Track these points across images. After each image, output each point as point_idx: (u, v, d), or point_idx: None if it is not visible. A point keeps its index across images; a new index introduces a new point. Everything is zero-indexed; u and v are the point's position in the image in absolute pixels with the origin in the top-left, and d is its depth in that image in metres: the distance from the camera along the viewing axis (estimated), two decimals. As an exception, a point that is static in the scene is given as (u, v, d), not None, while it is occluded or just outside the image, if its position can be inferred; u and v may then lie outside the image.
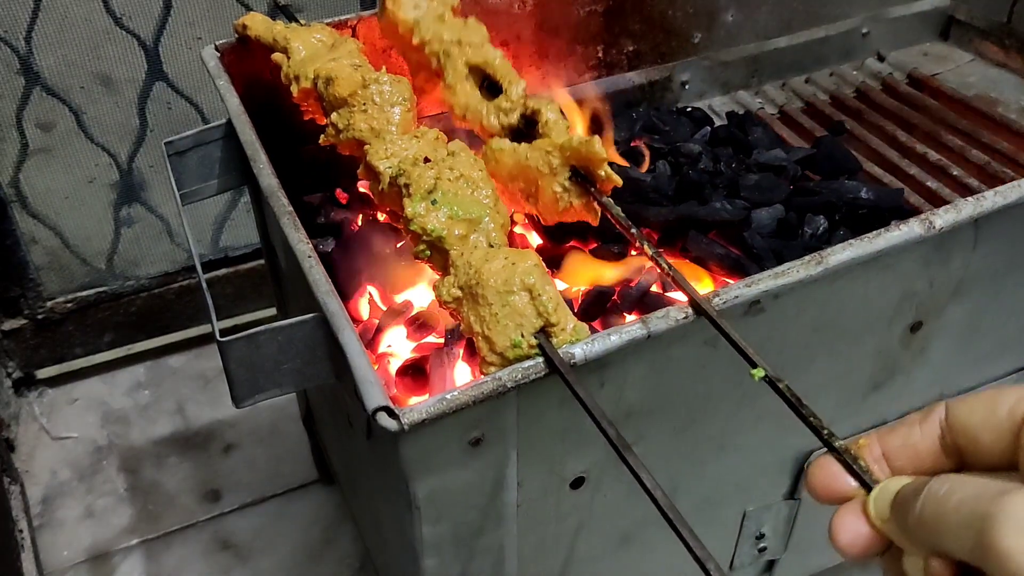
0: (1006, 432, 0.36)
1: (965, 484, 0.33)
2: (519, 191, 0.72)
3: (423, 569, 0.70)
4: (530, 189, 0.71)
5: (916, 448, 0.39)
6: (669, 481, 0.79)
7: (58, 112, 1.29)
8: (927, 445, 0.39)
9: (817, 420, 0.46)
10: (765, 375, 0.51)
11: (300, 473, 1.37)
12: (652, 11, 1.16)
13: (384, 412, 0.54)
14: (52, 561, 1.26)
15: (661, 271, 0.63)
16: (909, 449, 0.39)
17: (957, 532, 0.32)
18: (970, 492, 0.32)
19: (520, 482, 0.68)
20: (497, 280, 0.58)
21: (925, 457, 0.39)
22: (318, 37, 0.87)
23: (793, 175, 1.00)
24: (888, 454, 0.40)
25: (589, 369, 0.61)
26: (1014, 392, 0.36)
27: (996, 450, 0.36)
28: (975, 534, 0.31)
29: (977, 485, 0.32)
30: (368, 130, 0.75)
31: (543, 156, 0.69)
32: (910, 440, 0.39)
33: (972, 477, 0.34)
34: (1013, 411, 0.36)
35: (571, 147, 0.68)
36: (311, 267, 0.65)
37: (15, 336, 1.44)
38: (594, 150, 0.67)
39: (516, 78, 0.76)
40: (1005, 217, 0.74)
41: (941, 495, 0.33)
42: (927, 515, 0.34)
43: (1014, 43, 1.27)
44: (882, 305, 0.78)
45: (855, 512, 0.38)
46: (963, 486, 0.33)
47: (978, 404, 0.37)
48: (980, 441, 0.37)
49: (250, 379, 0.66)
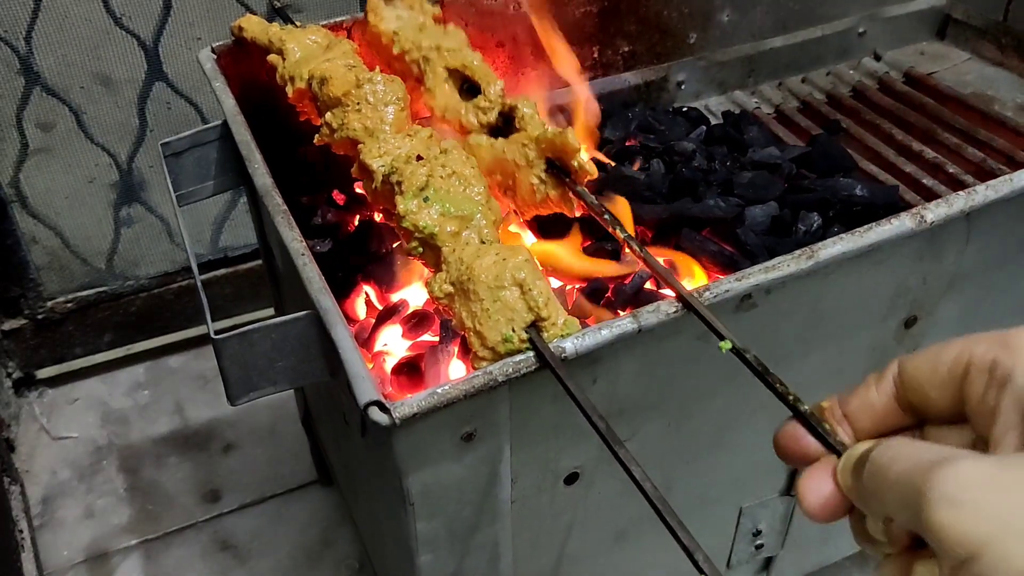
0: (950, 386, 0.36)
1: (905, 453, 0.32)
2: (496, 185, 0.74)
3: (418, 566, 0.70)
4: (507, 182, 0.73)
5: (874, 407, 0.39)
6: (663, 477, 0.79)
7: (58, 112, 1.29)
8: (884, 403, 0.39)
9: (783, 387, 0.46)
10: (732, 347, 0.52)
11: (299, 474, 1.37)
12: (647, 11, 1.16)
13: (376, 407, 0.54)
14: (52, 561, 1.27)
15: (633, 252, 0.63)
16: (868, 408, 0.39)
17: (897, 503, 0.32)
18: (908, 463, 0.32)
19: (514, 478, 0.68)
20: (488, 275, 0.59)
21: (884, 416, 0.39)
22: (313, 38, 0.87)
23: (788, 173, 1.00)
24: (849, 415, 0.40)
25: (581, 364, 0.61)
26: (956, 345, 0.36)
27: (944, 404, 0.37)
28: (912, 506, 0.30)
29: (915, 454, 0.32)
30: (362, 129, 0.75)
31: (519, 149, 0.71)
32: (868, 399, 0.39)
33: (913, 443, 0.33)
34: (955, 364, 0.36)
35: (545, 138, 0.70)
36: (304, 265, 0.66)
37: (15, 336, 1.45)
38: (567, 140, 0.68)
39: (494, 78, 0.77)
40: (997, 211, 0.74)
41: (883, 463, 0.33)
42: (871, 485, 0.34)
43: (1010, 42, 1.27)
44: (876, 300, 0.78)
45: (821, 475, 0.38)
46: (903, 455, 0.32)
47: (924, 359, 0.37)
48: (929, 396, 0.37)
49: (244, 377, 0.66)
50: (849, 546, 1.09)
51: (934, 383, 0.37)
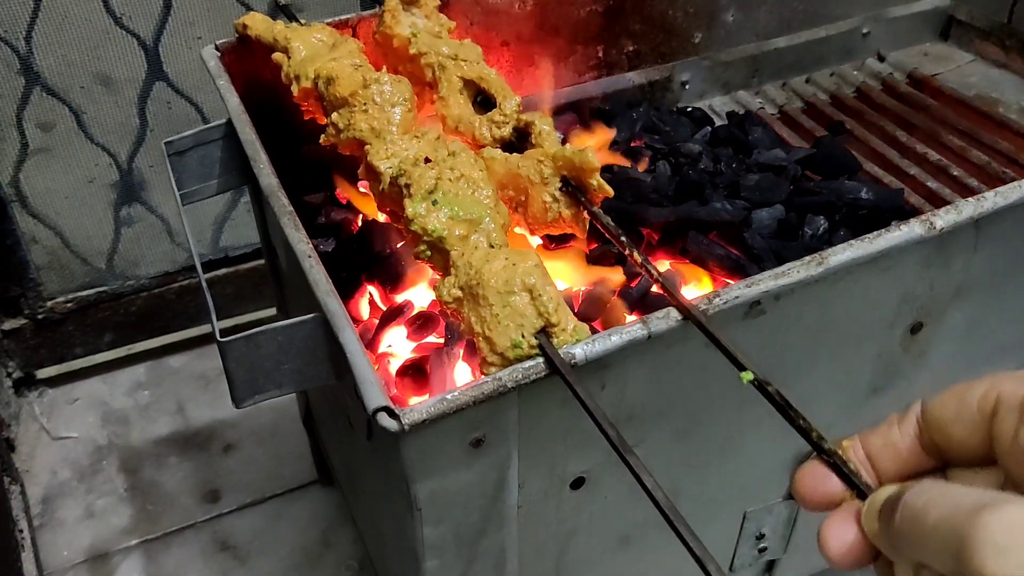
0: (979, 425, 0.35)
1: (943, 496, 0.31)
2: (508, 200, 0.72)
3: (424, 571, 0.70)
4: (519, 198, 0.71)
5: (897, 448, 0.38)
6: (670, 483, 0.79)
7: (58, 112, 1.29)
8: (907, 444, 0.38)
9: (806, 423, 0.45)
10: (753, 378, 0.51)
11: (300, 474, 1.37)
12: (652, 11, 1.16)
13: (384, 412, 0.54)
14: (52, 561, 1.26)
15: (651, 278, 0.63)
16: (890, 449, 0.38)
17: (937, 550, 0.30)
18: (948, 508, 0.30)
19: (521, 483, 0.68)
20: (498, 280, 0.58)
21: (907, 457, 0.38)
22: (318, 37, 0.87)
23: (793, 175, 1.00)
24: (871, 455, 0.39)
25: (590, 370, 0.61)
26: (982, 383, 0.35)
27: (971, 444, 0.35)
28: (955, 554, 0.29)
29: (954, 498, 0.30)
30: (368, 130, 0.74)
31: (535, 165, 0.69)
32: (890, 440, 0.38)
33: (950, 486, 0.32)
34: (982, 403, 0.34)
35: (563, 156, 0.68)
36: (311, 267, 0.65)
37: (15, 336, 1.44)
38: (587, 159, 0.67)
39: (510, 93, 0.76)
40: (1006, 218, 0.74)
41: (919, 508, 0.31)
42: (906, 531, 0.32)
43: (1015, 43, 1.27)
44: (883, 307, 0.78)
45: (844, 520, 0.36)
46: (941, 498, 0.31)
47: (948, 399, 0.36)
48: (954, 437, 0.36)
49: (250, 379, 0.66)
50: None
51: (960, 423, 0.35)
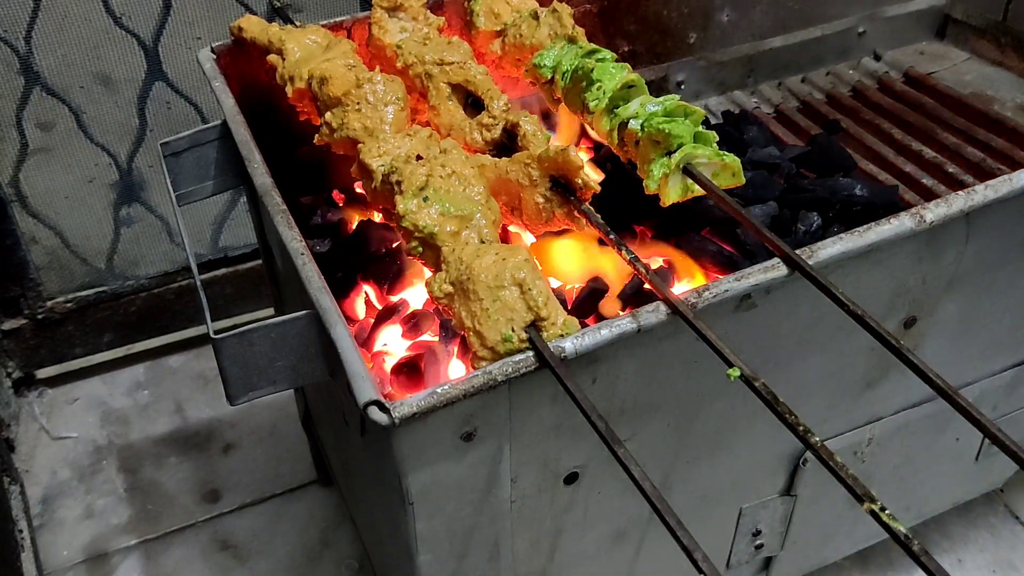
0: None
1: None
2: (503, 205, 0.73)
3: (418, 565, 0.70)
4: (514, 202, 0.72)
5: None
6: (663, 478, 0.79)
7: (58, 112, 1.29)
8: None
9: (793, 417, 0.46)
10: (741, 374, 0.51)
11: (299, 474, 1.37)
12: (647, 11, 1.16)
13: (375, 406, 0.54)
14: (52, 561, 1.27)
15: (639, 273, 0.63)
16: None
17: None
18: None
19: (514, 477, 0.68)
20: (488, 275, 0.59)
21: None
22: (313, 39, 0.87)
23: (787, 172, 1.00)
24: None
25: (581, 364, 0.61)
26: None
27: None
28: None
29: None
30: (362, 129, 0.75)
31: (523, 168, 0.70)
32: None
33: None
34: None
35: (548, 157, 0.69)
36: (304, 264, 0.66)
37: (15, 336, 1.45)
38: (570, 158, 0.68)
39: (498, 93, 0.77)
40: (997, 211, 0.74)
41: None
42: None
43: (1010, 41, 1.27)
44: (875, 301, 0.78)
45: None
46: None
47: None
48: None
49: (244, 376, 0.66)
50: (849, 546, 1.09)
51: None
